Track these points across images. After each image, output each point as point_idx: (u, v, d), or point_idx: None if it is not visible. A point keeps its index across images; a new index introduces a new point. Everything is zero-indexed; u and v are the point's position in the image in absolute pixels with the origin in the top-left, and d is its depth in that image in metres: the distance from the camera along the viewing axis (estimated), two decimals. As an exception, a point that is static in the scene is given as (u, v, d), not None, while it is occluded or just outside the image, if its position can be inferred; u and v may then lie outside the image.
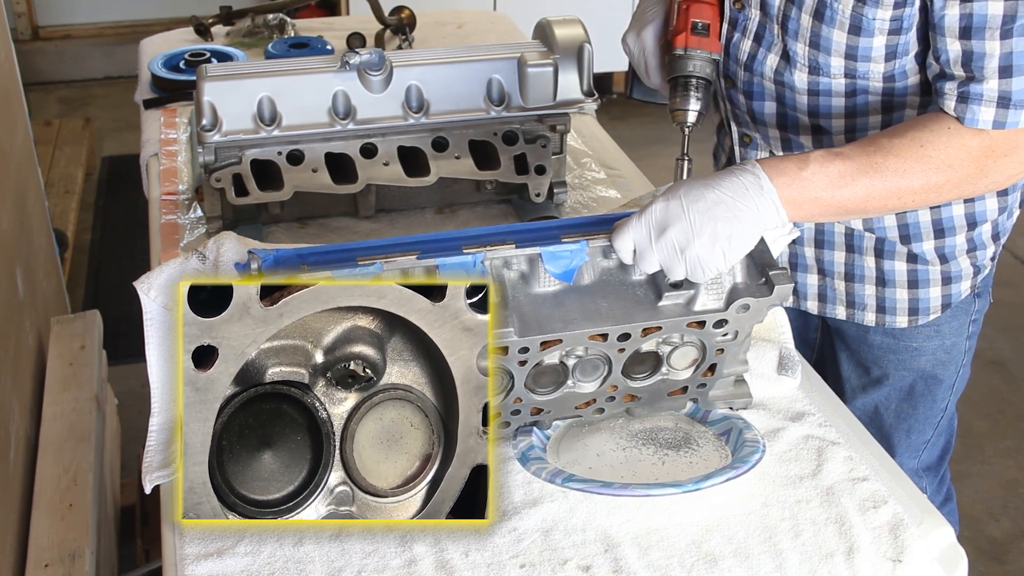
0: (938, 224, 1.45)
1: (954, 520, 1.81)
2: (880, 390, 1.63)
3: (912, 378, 1.60)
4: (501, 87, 1.59)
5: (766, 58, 1.39)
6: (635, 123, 4.26)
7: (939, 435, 1.68)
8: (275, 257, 1.12)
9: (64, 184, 4.03)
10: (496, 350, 1.13)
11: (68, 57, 5.35)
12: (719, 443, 1.26)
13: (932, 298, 1.51)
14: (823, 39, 1.31)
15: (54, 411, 2.12)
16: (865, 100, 1.37)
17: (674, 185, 1.20)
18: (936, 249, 1.47)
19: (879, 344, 1.58)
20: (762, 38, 1.38)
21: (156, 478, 1.16)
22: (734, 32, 1.42)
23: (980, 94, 1.20)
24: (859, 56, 1.31)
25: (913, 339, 1.56)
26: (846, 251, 1.52)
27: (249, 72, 1.54)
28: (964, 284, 1.51)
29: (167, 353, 1.17)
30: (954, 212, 1.45)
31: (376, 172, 1.58)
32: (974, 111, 1.21)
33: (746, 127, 1.51)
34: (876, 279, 1.52)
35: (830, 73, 1.34)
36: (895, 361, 1.59)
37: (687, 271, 1.16)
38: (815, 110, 1.40)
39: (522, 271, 1.18)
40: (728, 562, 1.11)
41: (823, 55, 1.33)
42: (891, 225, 1.47)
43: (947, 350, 1.57)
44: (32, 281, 2.46)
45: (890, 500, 1.18)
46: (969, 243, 1.48)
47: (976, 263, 1.50)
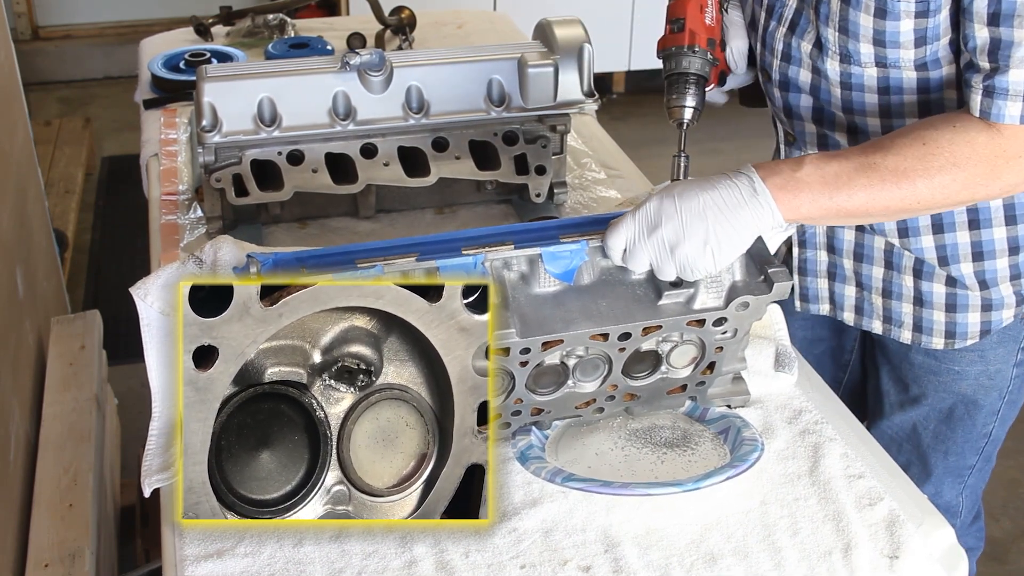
0: (977, 247, 1.40)
1: (980, 537, 1.77)
2: (918, 409, 1.58)
3: (952, 401, 1.55)
4: (501, 87, 1.59)
5: (800, 46, 1.36)
6: (635, 123, 4.26)
7: (986, 461, 1.62)
8: (273, 261, 1.12)
9: (64, 184, 4.02)
10: (497, 351, 1.13)
11: (68, 57, 5.35)
12: (717, 442, 1.26)
13: (971, 323, 1.46)
14: (851, 23, 1.28)
15: (54, 411, 2.12)
16: (900, 100, 1.33)
17: (669, 185, 1.20)
18: (976, 274, 1.42)
19: (920, 363, 1.53)
20: (797, 25, 1.36)
21: (155, 481, 1.16)
22: (770, 21, 1.39)
23: (1005, 88, 1.17)
24: (887, 42, 1.28)
25: (955, 362, 1.51)
26: (884, 267, 1.47)
27: (249, 72, 1.54)
28: (1006, 312, 1.45)
29: (166, 356, 1.17)
30: (995, 235, 1.40)
31: (376, 172, 1.58)
32: (1000, 106, 1.18)
33: (786, 124, 1.48)
34: (914, 298, 1.47)
35: (860, 62, 1.31)
36: (935, 383, 1.54)
37: (676, 270, 1.16)
38: (849, 105, 1.37)
39: (522, 272, 1.18)
40: (727, 560, 1.12)
41: (852, 41, 1.30)
42: (929, 246, 1.42)
43: (990, 376, 1.52)
44: (32, 281, 2.47)
45: (886, 497, 1.19)
46: (1013, 269, 1.42)
47: (1020, 291, 1.44)
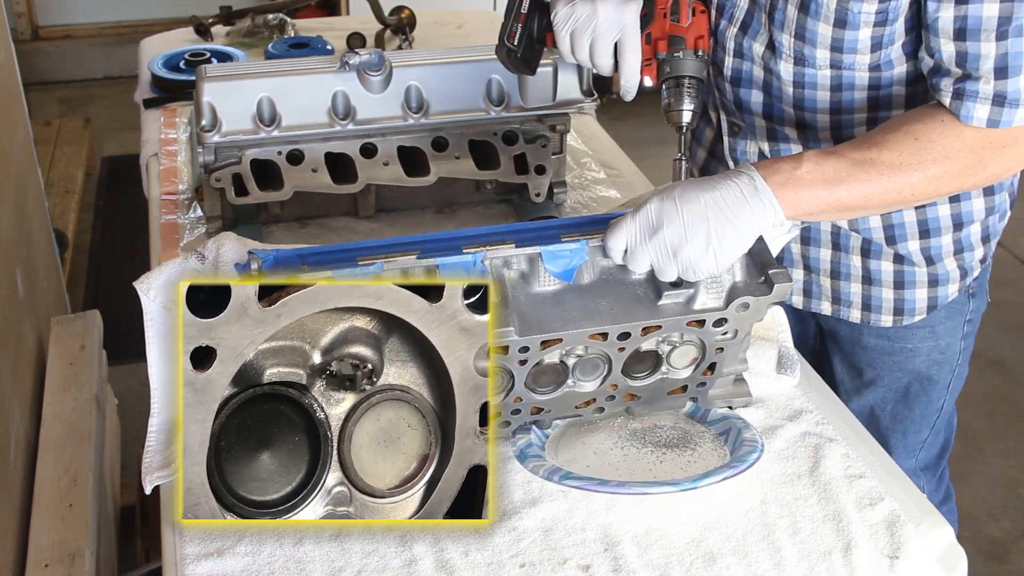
0: (923, 225, 1.45)
1: (953, 519, 1.81)
2: (874, 392, 1.62)
3: (907, 379, 1.59)
4: (501, 87, 1.59)
5: (751, 47, 1.38)
6: (635, 123, 4.25)
7: (936, 434, 1.67)
8: (275, 257, 1.12)
9: (64, 184, 4.02)
10: (496, 349, 1.13)
11: (68, 57, 5.35)
12: (718, 443, 1.26)
13: (919, 299, 1.50)
14: (808, 31, 1.31)
15: (54, 411, 2.12)
16: (851, 97, 1.36)
17: (669, 186, 1.20)
18: (922, 250, 1.46)
19: (873, 346, 1.57)
20: (748, 26, 1.38)
21: (156, 478, 1.16)
22: (721, 19, 1.41)
23: (976, 92, 1.20)
24: (845, 48, 1.30)
25: (907, 340, 1.55)
26: (832, 248, 1.51)
27: (249, 72, 1.54)
28: (951, 287, 1.50)
29: (167, 353, 1.17)
30: (940, 212, 1.44)
31: (376, 172, 1.58)
32: (969, 108, 1.21)
33: (734, 116, 1.50)
34: (862, 277, 1.51)
35: (816, 64, 1.34)
36: (889, 363, 1.58)
37: (679, 272, 1.16)
38: (800, 103, 1.39)
39: (522, 271, 1.18)
40: (727, 560, 1.12)
41: (808, 47, 1.32)
42: (876, 226, 1.46)
43: (942, 351, 1.56)
44: (32, 281, 2.47)
45: (887, 497, 1.19)
46: (956, 244, 1.47)
47: (963, 265, 1.49)
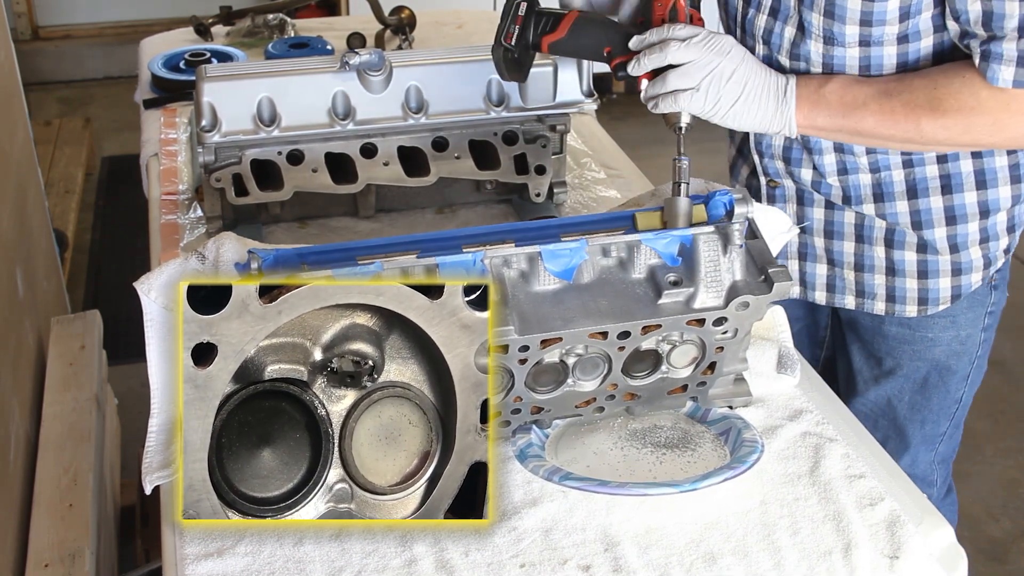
0: (950, 211, 1.46)
1: (953, 511, 1.82)
2: (893, 381, 1.62)
3: (926, 369, 1.60)
4: (501, 87, 1.59)
5: (783, 31, 1.39)
6: (635, 123, 4.25)
7: (955, 427, 1.68)
8: (275, 257, 1.12)
9: (64, 184, 4.02)
10: (496, 348, 1.13)
11: (68, 57, 5.35)
12: (718, 443, 1.26)
13: (942, 288, 1.51)
14: (838, 7, 1.33)
15: (54, 411, 2.12)
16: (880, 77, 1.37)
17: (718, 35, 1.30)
18: (948, 237, 1.48)
19: (894, 335, 1.58)
20: (777, 11, 1.39)
21: (156, 478, 1.16)
22: (748, 8, 1.43)
23: (1001, 53, 1.23)
24: (874, 20, 1.32)
25: (928, 329, 1.56)
26: (855, 241, 1.52)
27: (249, 72, 1.54)
28: (975, 276, 1.51)
29: (167, 353, 1.17)
30: (967, 200, 1.46)
31: (376, 172, 1.58)
32: (995, 70, 1.24)
33: None
34: (886, 268, 1.52)
35: (844, 43, 1.35)
36: (909, 352, 1.59)
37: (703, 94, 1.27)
38: None
39: (522, 269, 1.18)
40: (727, 560, 1.11)
41: (838, 24, 1.34)
42: (903, 211, 1.47)
43: (962, 341, 1.58)
44: (32, 281, 2.47)
45: (887, 497, 1.19)
46: (982, 232, 1.48)
47: (988, 254, 1.51)
